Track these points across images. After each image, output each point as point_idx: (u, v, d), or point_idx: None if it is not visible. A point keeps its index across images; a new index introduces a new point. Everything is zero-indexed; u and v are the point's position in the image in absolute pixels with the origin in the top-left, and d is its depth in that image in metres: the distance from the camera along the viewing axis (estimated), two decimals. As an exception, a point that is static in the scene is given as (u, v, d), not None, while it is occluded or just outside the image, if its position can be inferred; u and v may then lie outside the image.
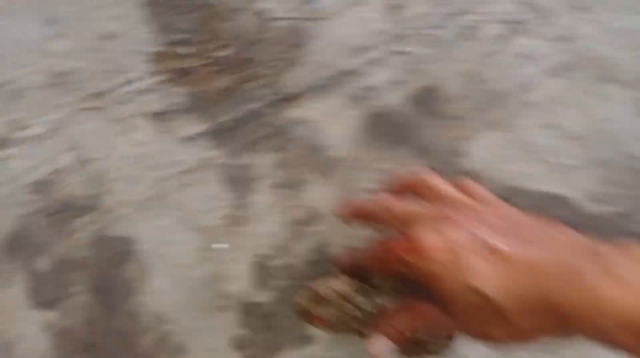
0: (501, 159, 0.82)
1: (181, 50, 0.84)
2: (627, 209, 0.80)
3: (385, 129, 0.82)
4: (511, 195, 0.79)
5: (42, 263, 0.74)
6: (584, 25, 0.90)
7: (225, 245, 0.75)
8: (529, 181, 0.81)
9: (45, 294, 0.72)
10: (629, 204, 0.80)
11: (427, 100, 0.84)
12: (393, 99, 0.84)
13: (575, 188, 0.81)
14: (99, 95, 0.81)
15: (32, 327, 0.71)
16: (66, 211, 0.76)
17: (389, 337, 0.59)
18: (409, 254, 0.55)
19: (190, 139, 0.80)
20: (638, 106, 0.86)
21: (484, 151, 0.82)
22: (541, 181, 0.81)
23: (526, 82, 0.85)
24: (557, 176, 0.81)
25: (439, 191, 0.64)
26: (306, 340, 0.72)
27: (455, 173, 0.80)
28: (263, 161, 0.79)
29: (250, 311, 0.73)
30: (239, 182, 0.78)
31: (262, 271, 0.75)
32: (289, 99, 0.83)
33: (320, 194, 0.78)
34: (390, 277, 0.62)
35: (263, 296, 0.74)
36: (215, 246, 0.75)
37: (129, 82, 0.82)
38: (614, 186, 0.81)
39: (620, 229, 0.79)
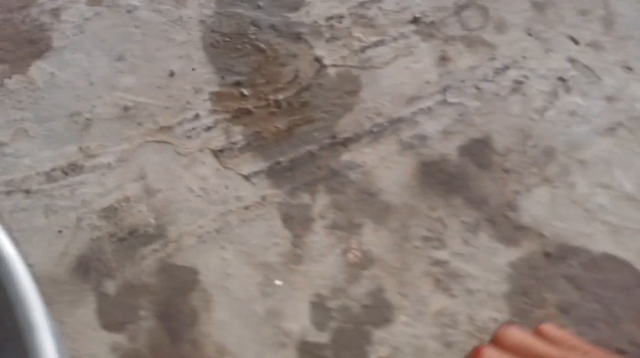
0: (557, 217, 0.89)
1: (240, 91, 0.94)
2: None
3: (437, 178, 0.91)
4: (571, 254, 0.86)
5: (111, 287, 0.81)
6: (630, 86, 1.00)
7: (285, 284, 0.84)
8: (589, 242, 0.88)
9: (113, 316, 0.80)
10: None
11: (478, 152, 0.93)
12: (445, 149, 0.93)
13: (636, 252, 0.87)
14: (165, 129, 0.89)
15: (101, 348, 0.78)
16: (134, 238, 0.84)
17: None
18: None
19: (251, 176, 0.88)
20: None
21: (538, 206, 0.89)
22: (601, 242, 0.88)
23: (578, 140, 0.94)
24: (616, 238, 0.88)
25: (527, 347, 0.71)
26: None
27: (510, 227, 0.90)
28: (319, 202, 0.88)
29: (307, 351, 0.80)
30: (297, 221, 0.87)
31: (320, 311, 0.82)
32: (344, 143, 0.92)
33: (376, 239, 0.87)
34: None
35: (321, 337, 0.81)
36: (268, 281, 0.84)
37: (192, 119, 0.91)
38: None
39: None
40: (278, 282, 0.83)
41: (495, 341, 0.73)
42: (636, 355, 0.83)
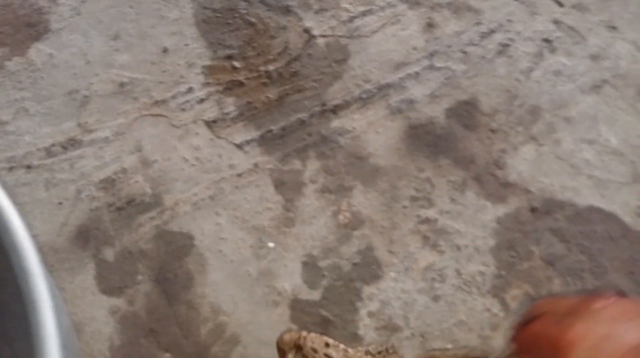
0: (543, 173, 0.89)
1: (232, 64, 0.95)
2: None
3: (425, 140, 0.91)
4: (557, 208, 0.87)
5: (110, 254, 0.82)
6: (615, 44, 0.99)
7: (272, 244, 0.85)
8: (574, 196, 0.88)
9: (112, 282, 0.81)
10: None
11: (465, 113, 0.93)
12: (432, 112, 0.93)
13: (622, 204, 0.88)
14: (159, 103, 0.91)
15: (100, 311, 0.80)
16: (131, 207, 0.85)
17: None
18: None
19: (243, 145, 0.89)
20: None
21: (524, 164, 0.89)
22: (586, 195, 0.88)
23: (562, 99, 0.94)
24: (602, 191, 0.88)
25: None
26: (352, 340, 0.79)
27: (497, 184, 0.89)
28: (310, 168, 0.89)
29: (300, 308, 0.81)
30: (288, 186, 0.88)
31: (312, 270, 0.83)
32: (334, 110, 0.92)
33: (365, 201, 0.88)
34: None
35: (313, 295, 0.82)
36: (261, 243, 0.85)
37: (186, 92, 0.92)
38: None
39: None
40: (271, 244, 0.84)
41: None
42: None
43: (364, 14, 0.98)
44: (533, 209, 0.87)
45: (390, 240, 0.84)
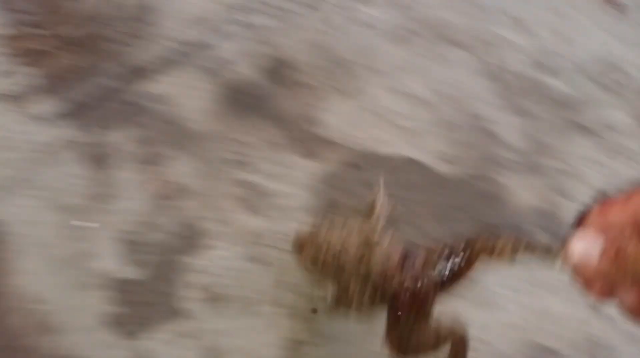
0: (354, 125, 0.89)
1: (29, 31, 0.87)
2: (477, 170, 0.89)
3: (240, 100, 0.88)
4: (367, 160, 0.87)
5: None
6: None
7: (96, 225, 0.80)
8: (382, 146, 0.89)
9: None
10: (479, 165, 0.90)
11: (277, 70, 0.91)
12: (244, 70, 0.90)
13: (426, 151, 0.89)
14: (-48, 78, 0.83)
15: None
16: None
17: None
18: None
19: (46, 118, 0.82)
20: (477, 67, 0.97)
21: (337, 117, 0.89)
22: (393, 145, 0.89)
23: (369, 50, 0.94)
24: (408, 140, 0.90)
25: None
26: (177, 314, 0.76)
27: (315, 142, 0.88)
28: (122, 138, 0.83)
29: (120, 288, 0.76)
30: (99, 159, 0.81)
31: (129, 247, 0.78)
32: (142, 74, 0.87)
33: (183, 169, 0.83)
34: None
35: (133, 273, 0.77)
36: (75, 223, 0.79)
37: (-20, 64, 0.84)
38: (462, 147, 0.90)
39: (474, 190, 0.89)
40: (88, 224, 0.79)
41: None
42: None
43: (169, -31, 0.93)
44: (351, 165, 0.87)
45: (214, 208, 0.82)
